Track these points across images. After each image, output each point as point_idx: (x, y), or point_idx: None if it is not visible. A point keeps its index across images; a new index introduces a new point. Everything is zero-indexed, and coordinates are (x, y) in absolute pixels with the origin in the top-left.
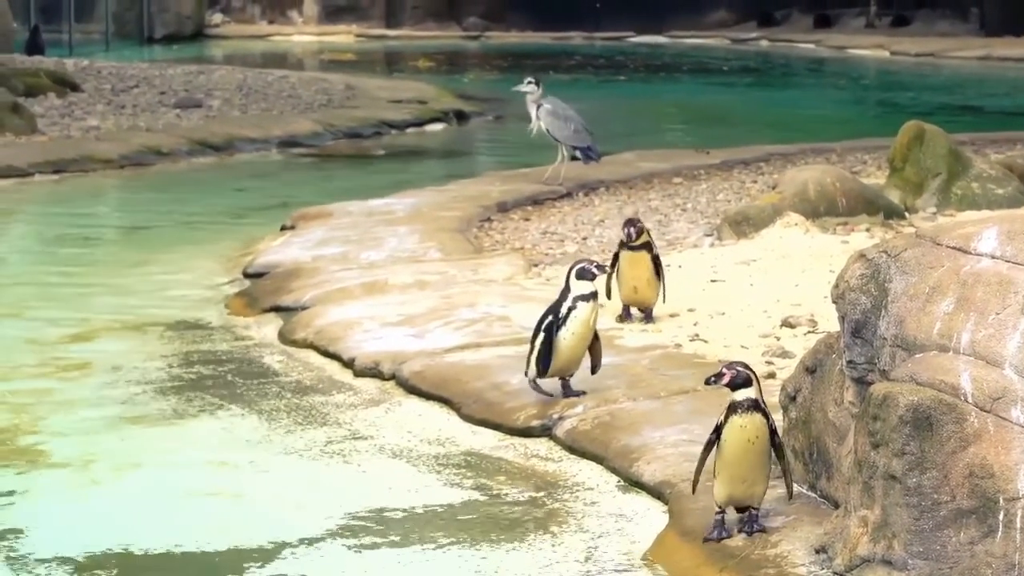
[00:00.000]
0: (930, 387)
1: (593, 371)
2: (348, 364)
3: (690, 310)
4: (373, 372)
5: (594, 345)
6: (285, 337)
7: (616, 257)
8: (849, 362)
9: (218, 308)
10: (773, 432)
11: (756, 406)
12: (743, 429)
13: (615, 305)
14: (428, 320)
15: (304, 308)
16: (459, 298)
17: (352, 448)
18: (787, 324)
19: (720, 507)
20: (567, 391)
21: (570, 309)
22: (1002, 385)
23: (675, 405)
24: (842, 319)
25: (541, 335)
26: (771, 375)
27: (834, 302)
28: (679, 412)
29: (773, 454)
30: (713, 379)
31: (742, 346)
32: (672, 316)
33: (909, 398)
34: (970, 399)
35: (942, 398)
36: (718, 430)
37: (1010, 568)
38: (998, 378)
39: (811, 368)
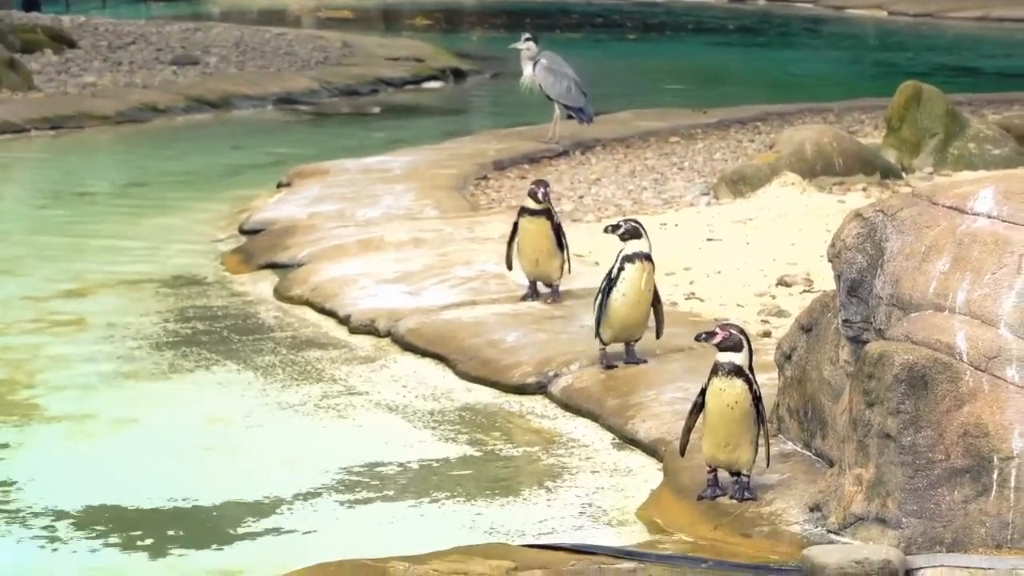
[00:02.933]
0: (925, 346)
1: (657, 335)
2: (344, 321)
3: (686, 268)
4: (369, 329)
5: (656, 308)
6: (281, 294)
7: (515, 225)
8: (845, 321)
9: (214, 264)
10: (757, 399)
11: (738, 372)
12: (722, 392)
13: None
14: (424, 277)
15: (300, 265)
16: (455, 256)
17: (347, 404)
18: (783, 283)
19: (710, 466)
20: (630, 357)
21: (619, 271)
22: (997, 344)
23: (670, 363)
24: (838, 278)
25: (598, 298)
26: (767, 334)
27: (830, 261)
28: (674, 370)
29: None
30: (704, 336)
31: (738, 304)
32: (668, 274)
33: (904, 357)
34: (965, 358)
35: (937, 357)
36: (703, 392)
37: (1003, 527)
38: (993, 337)
39: (807, 327)
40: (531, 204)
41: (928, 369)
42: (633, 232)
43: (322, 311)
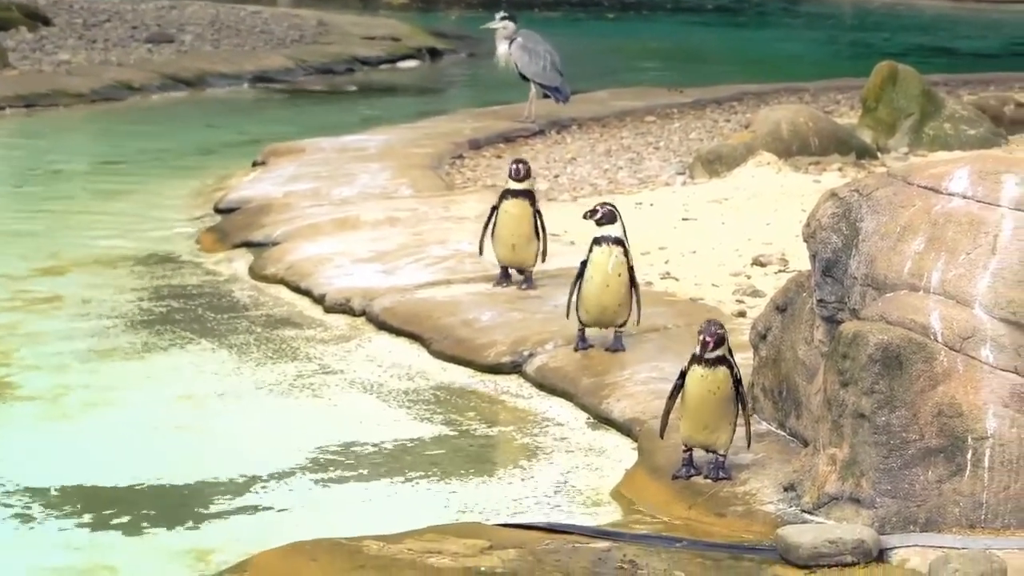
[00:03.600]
0: (900, 326)
1: (636, 323)
2: (318, 300)
3: (661, 248)
4: (343, 308)
5: (634, 292)
6: (256, 272)
7: (494, 209)
8: (819, 301)
9: (189, 243)
10: (738, 382)
11: (720, 360)
12: (703, 379)
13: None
14: (399, 256)
15: (275, 244)
16: (430, 235)
17: (322, 383)
18: (758, 263)
19: (686, 446)
20: (615, 343)
21: (588, 254)
22: (972, 325)
23: (645, 343)
24: (813, 258)
25: (575, 281)
26: (741, 313)
27: (805, 241)
28: (649, 350)
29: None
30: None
31: (713, 284)
32: (644, 254)
33: (879, 337)
34: (940, 338)
35: (912, 337)
36: (683, 375)
37: (977, 507)
38: (968, 318)
39: (781, 307)
40: (512, 184)
41: (902, 349)
42: (609, 217)
43: (297, 290)
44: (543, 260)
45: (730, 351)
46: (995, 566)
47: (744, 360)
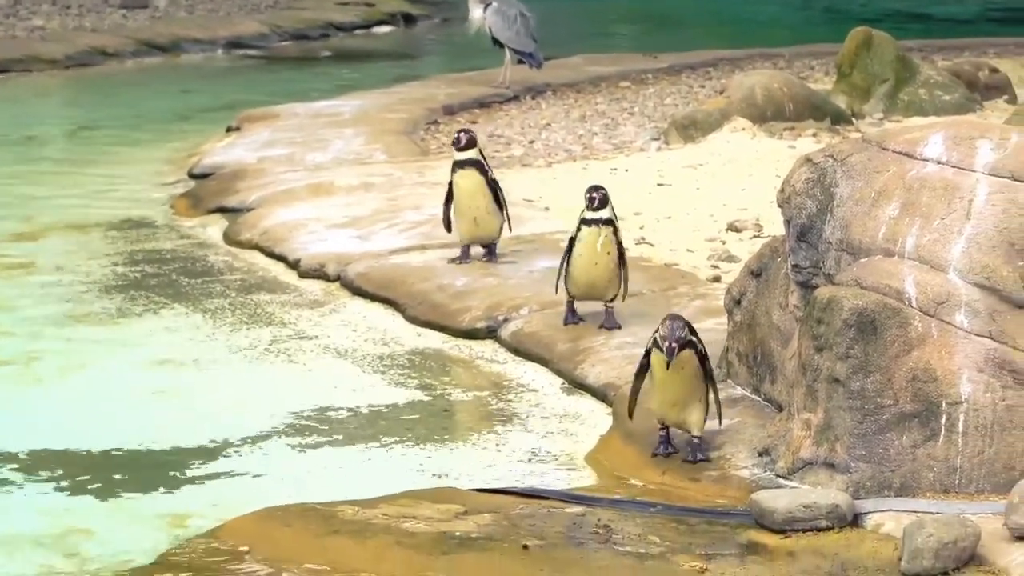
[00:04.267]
0: (874, 291)
1: (622, 298)
2: (293, 265)
3: (636, 214)
4: (318, 273)
5: (623, 269)
6: (230, 238)
7: (451, 185)
8: (794, 266)
9: (163, 208)
10: (703, 359)
11: (686, 344)
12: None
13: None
14: (373, 222)
15: (249, 209)
16: (405, 200)
17: (297, 348)
18: (733, 228)
19: (662, 424)
20: (607, 321)
21: (577, 230)
22: (946, 290)
23: (620, 308)
24: (788, 223)
25: (563, 257)
26: (716, 279)
27: (780, 206)
28: (624, 315)
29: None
30: (671, 359)
31: (688, 249)
32: (619, 220)
33: (853, 302)
34: (914, 303)
35: (886, 302)
36: (647, 354)
37: (952, 471)
38: (942, 283)
39: (756, 272)
40: (456, 154)
41: (877, 314)
42: (602, 202)
43: (271, 255)
44: (510, 230)
45: (693, 331)
46: (969, 530)
47: (718, 325)
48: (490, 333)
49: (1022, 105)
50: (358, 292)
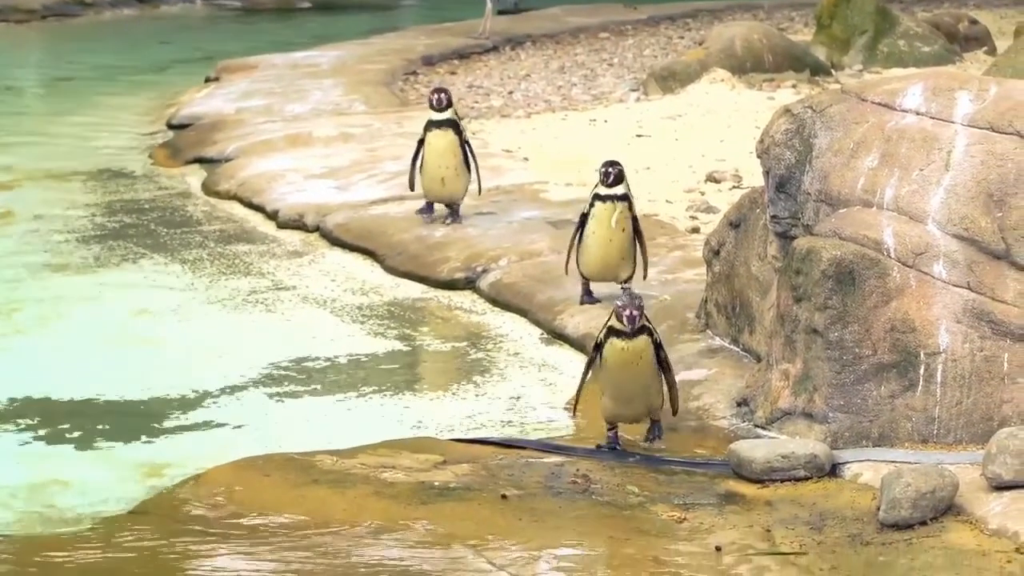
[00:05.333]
0: (853, 242)
1: (643, 276)
2: (272, 216)
3: None
4: (297, 224)
5: (641, 248)
6: (209, 188)
7: (420, 142)
8: (773, 217)
9: (142, 159)
10: (658, 347)
11: (640, 330)
12: (624, 351)
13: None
14: (352, 173)
15: (228, 160)
16: (383, 151)
17: (275, 298)
18: (712, 179)
19: (611, 424)
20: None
21: (590, 206)
22: (925, 240)
23: None
24: (766, 174)
25: (575, 234)
26: (695, 229)
27: (759, 157)
28: None
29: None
30: (631, 328)
31: (667, 200)
32: (597, 171)
33: (832, 252)
34: (893, 254)
35: (865, 253)
36: (598, 348)
37: (930, 421)
38: (921, 233)
39: (735, 223)
40: (433, 114)
41: (856, 265)
42: (618, 178)
43: (250, 206)
44: (479, 191)
45: (646, 317)
46: (947, 480)
47: (697, 276)
48: (469, 284)
49: (1001, 56)
50: (337, 242)
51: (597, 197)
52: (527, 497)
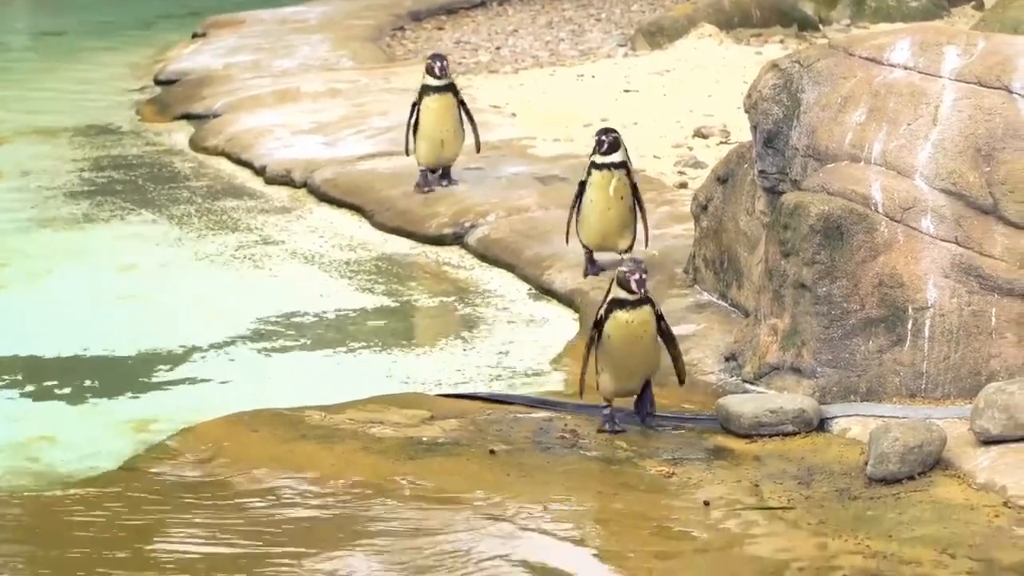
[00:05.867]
0: (841, 197)
1: (645, 244)
2: (259, 171)
3: (603, 120)
4: (284, 179)
5: (642, 215)
6: (196, 144)
7: (415, 107)
8: (761, 172)
9: (129, 114)
10: (660, 318)
11: (643, 299)
12: (629, 324)
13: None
14: (340, 128)
15: (215, 115)
16: (371, 106)
17: (263, 253)
18: (699, 134)
19: (608, 402)
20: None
21: (587, 175)
22: (913, 195)
23: None
24: (754, 129)
25: (574, 203)
26: (683, 185)
27: (746, 112)
28: None
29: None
30: (640, 292)
31: (655, 156)
32: (586, 126)
33: (820, 207)
34: (880, 209)
35: (853, 207)
36: (599, 325)
37: (918, 376)
38: (909, 188)
39: (723, 178)
40: (431, 81)
41: (843, 220)
42: (613, 146)
43: (238, 161)
44: (477, 150)
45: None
46: (935, 435)
47: (686, 231)
48: (457, 239)
49: (989, 11)
50: (325, 198)
51: (594, 165)
52: (515, 452)
